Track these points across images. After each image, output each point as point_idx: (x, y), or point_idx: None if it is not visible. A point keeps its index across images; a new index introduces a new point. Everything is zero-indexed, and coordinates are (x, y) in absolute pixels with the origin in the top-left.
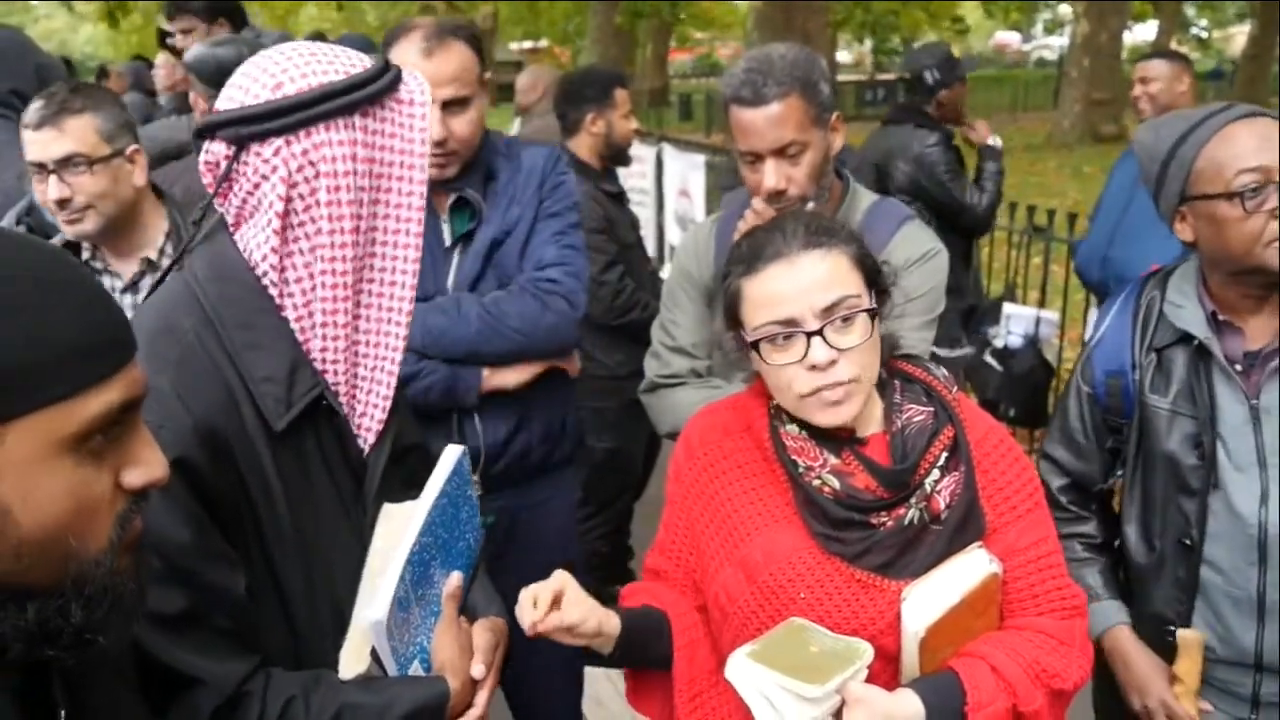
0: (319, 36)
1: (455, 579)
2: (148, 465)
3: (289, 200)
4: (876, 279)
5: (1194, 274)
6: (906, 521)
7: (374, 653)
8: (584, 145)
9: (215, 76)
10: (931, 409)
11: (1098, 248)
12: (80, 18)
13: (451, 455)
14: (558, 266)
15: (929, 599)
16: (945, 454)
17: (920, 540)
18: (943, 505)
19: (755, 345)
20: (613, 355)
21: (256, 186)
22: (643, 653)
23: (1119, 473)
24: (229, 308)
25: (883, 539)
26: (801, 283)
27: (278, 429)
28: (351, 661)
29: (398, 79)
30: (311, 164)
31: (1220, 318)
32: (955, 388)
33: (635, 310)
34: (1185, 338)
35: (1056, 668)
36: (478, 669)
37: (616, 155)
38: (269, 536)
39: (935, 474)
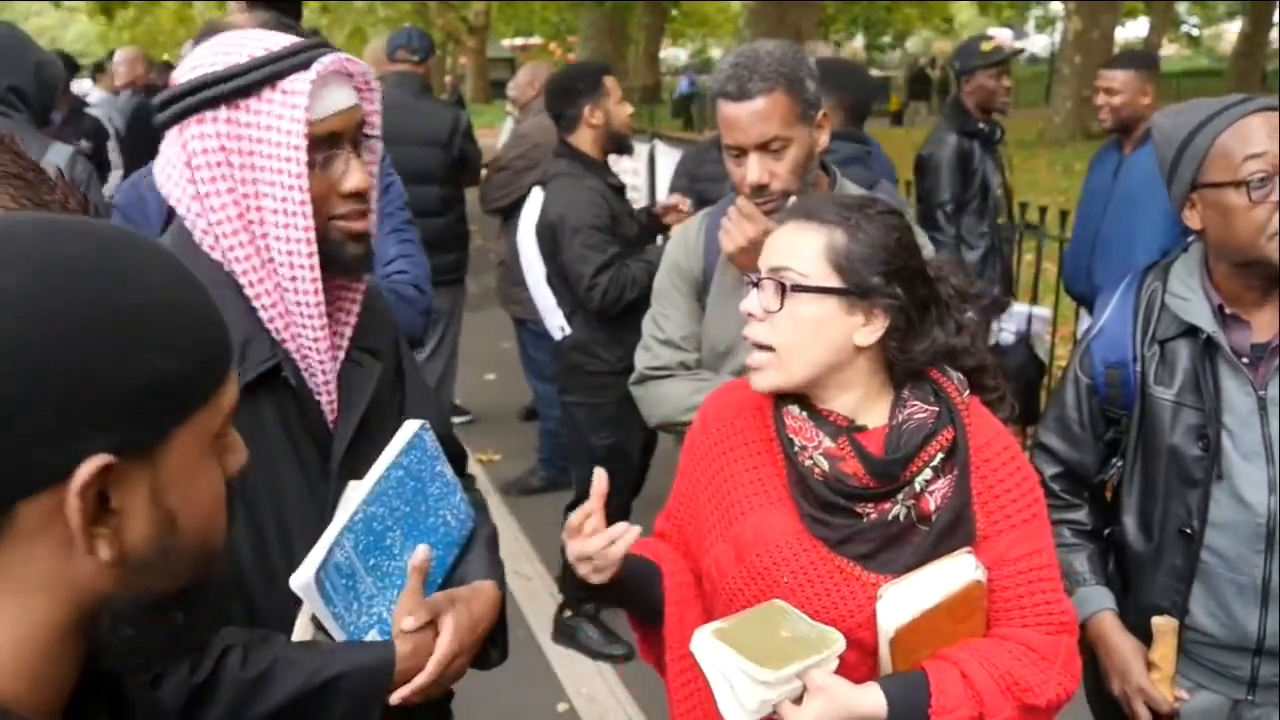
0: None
1: (422, 551)
2: (239, 449)
3: (194, 183)
4: (849, 277)
5: (1197, 266)
6: (891, 517)
7: (318, 621)
8: (586, 139)
9: None
10: (936, 409)
11: (1081, 255)
12: (71, 13)
13: (408, 429)
14: (403, 259)
15: (905, 599)
16: (941, 455)
17: (905, 538)
18: (933, 507)
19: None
20: (613, 351)
21: (175, 169)
22: (634, 597)
23: (1116, 463)
24: None
25: (866, 529)
26: (772, 243)
27: None
28: (299, 630)
29: (281, 71)
30: (189, 155)
31: (1227, 311)
32: (967, 391)
33: (626, 292)
34: (1190, 330)
35: (1030, 682)
36: (406, 621)
37: (619, 143)
38: None
39: (927, 474)
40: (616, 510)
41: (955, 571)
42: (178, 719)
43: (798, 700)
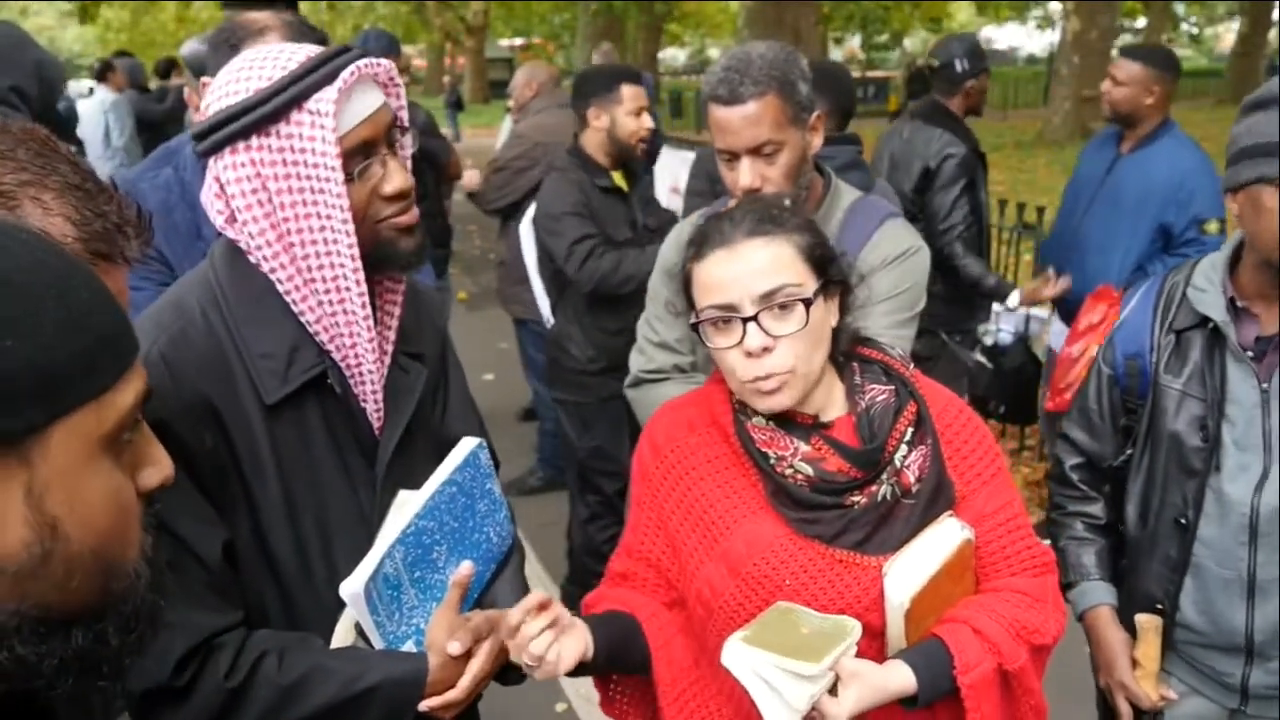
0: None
1: (465, 567)
2: (160, 464)
3: (227, 210)
4: (827, 270)
5: (1222, 263)
6: (879, 498)
7: (361, 628)
8: (592, 140)
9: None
10: (892, 387)
11: (1058, 248)
12: (68, 15)
13: (465, 447)
14: None
15: (909, 571)
16: (911, 429)
17: (894, 515)
18: (912, 479)
19: (698, 328)
20: (584, 349)
21: (210, 195)
22: (618, 663)
23: (1129, 451)
24: (236, 289)
25: (858, 517)
26: (741, 269)
27: (269, 402)
28: (341, 634)
29: (306, 90)
30: (224, 183)
31: (1239, 304)
32: (911, 365)
33: (606, 264)
34: (1203, 321)
35: (1035, 624)
36: (452, 645)
37: (623, 154)
38: (259, 505)
39: (903, 449)
40: (613, 520)
41: (946, 535)
42: None
43: (831, 691)
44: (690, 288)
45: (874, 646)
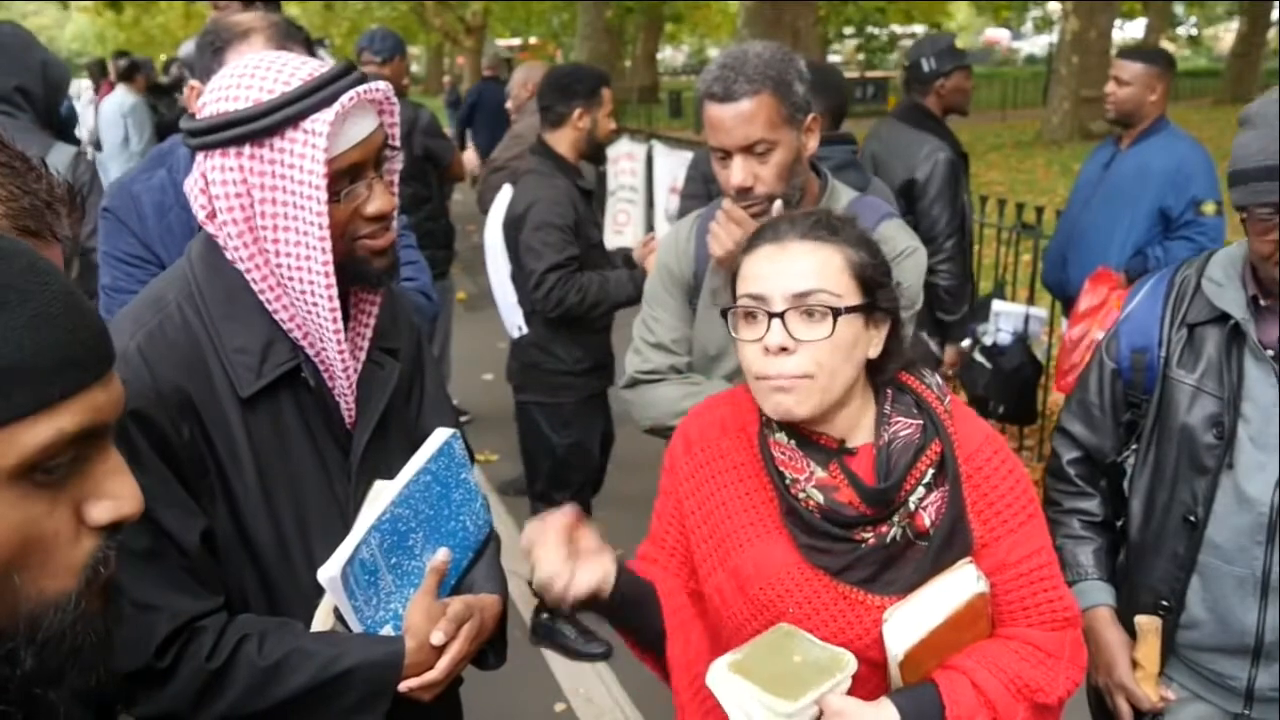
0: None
1: (441, 554)
2: (116, 499)
3: (208, 206)
4: (875, 293)
5: (1241, 256)
6: (889, 539)
7: (340, 613)
8: (565, 140)
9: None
10: (920, 422)
11: (1060, 245)
12: (67, 13)
13: (439, 437)
14: (410, 265)
15: (911, 621)
16: (931, 470)
17: (905, 557)
18: (928, 522)
19: (727, 315)
20: (571, 351)
21: (195, 188)
22: (631, 616)
23: (1133, 446)
24: (211, 286)
25: (865, 555)
26: (783, 266)
27: (244, 395)
28: (320, 620)
29: (305, 111)
30: (210, 181)
31: (1262, 303)
32: (949, 397)
33: (570, 296)
34: (1221, 318)
35: (1039, 682)
36: (436, 636)
37: (595, 152)
38: (236, 495)
39: (920, 491)
40: (582, 509)
41: (958, 586)
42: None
43: None
44: (736, 278)
45: (876, 677)
